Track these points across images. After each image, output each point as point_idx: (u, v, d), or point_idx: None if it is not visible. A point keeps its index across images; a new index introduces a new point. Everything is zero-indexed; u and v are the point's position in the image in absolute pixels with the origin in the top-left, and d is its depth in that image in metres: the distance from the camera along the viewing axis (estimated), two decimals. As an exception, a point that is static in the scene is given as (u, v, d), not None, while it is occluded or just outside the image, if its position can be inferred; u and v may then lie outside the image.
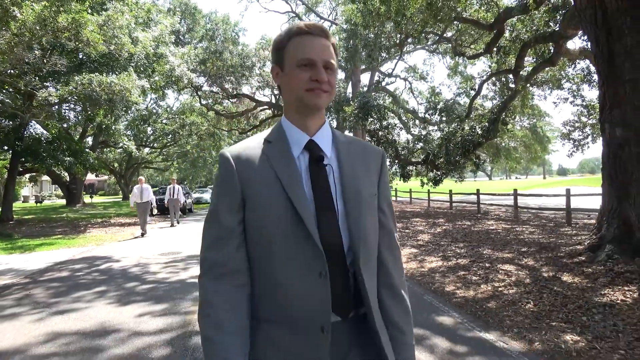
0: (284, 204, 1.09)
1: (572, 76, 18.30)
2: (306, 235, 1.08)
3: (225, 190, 1.15)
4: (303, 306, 1.08)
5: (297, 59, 1.14)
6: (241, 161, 1.16)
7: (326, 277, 1.08)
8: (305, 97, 1.14)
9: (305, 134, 1.19)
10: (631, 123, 6.06)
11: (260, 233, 1.11)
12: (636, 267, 5.59)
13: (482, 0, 15.73)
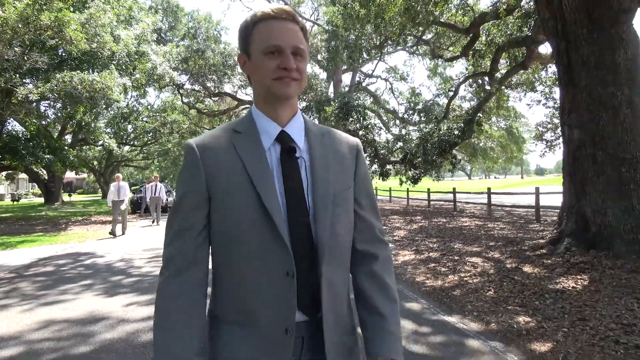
0: (251, 199, 1.03)
1: (544, 79, 19.03)
2: (274, 233, 1.03)
3: (189, 183, 1.08)
4: (267, 307, 1.04)
5: (263, 46, 1.07)
6: (206, 151, 1.08)
7: (293, 277, 1.04)
8: (273, 86, 1.07)
9: (277, 125, 1.12)
10: (587, 126, 6.56)
11: (224, 229, 1.06)
12: (590, 258, 6.08)
13: (458, 5, 16.25)
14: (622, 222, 6.22)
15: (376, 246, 1.23)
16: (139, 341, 3.99)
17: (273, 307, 1.04)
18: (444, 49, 21.98)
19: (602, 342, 3.57)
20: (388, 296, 1.18)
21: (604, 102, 6.36)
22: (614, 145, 6.32)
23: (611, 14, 6.24)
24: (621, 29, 6.25)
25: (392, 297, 1.19)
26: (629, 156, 6.25)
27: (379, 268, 1.20)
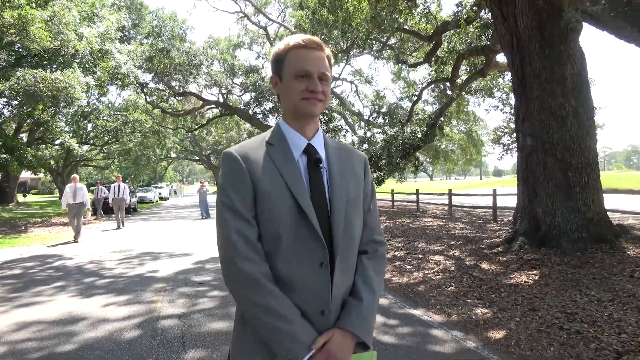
0: (289, 201, 1.20)
1: (501, 86, 19.99)
2: (310, 230, 1.20)
3: (239, 187, 1.22)
4: (306, 294, 1.20)
5: (294, 70, 1.26)
6: (249, 161, 1.25)
7: (327, 267, 1.22)
8: (301, 105, 1.26)
9: (304, 138, 1.30)
10: (539, 134, 7.13)
11: (268, 227, 1.21)
12: (541, 256, 6.63)
13: (422, 13, 16.87)
14: (569, 222, 6.81)
15: (374, 245, 1.41)
16: (124, 339, 4.16)
17: (309, 294, 1.21)
18: (407, 55, 22.70)
19: (548, 329, 4.03)
20: (370, 286, 1.33)
21: (554, 112, 6.95)
22: (562, 151, 6.91)
23: (560, 33, 6.84)
24: (569, 47, 6.86)
25: (373, 288, 1.33)
26: (575, 162, 6.85)
27: (370, 263, 1.38)
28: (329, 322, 1.23)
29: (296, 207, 1.21)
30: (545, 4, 6.89)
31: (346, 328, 1.23)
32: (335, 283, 1.24)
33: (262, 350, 1.21)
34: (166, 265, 7.95)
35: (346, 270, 1.30)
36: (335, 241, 1.25)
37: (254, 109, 32.01)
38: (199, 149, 61.31)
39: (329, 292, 1.22)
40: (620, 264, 5.89)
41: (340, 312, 1.27)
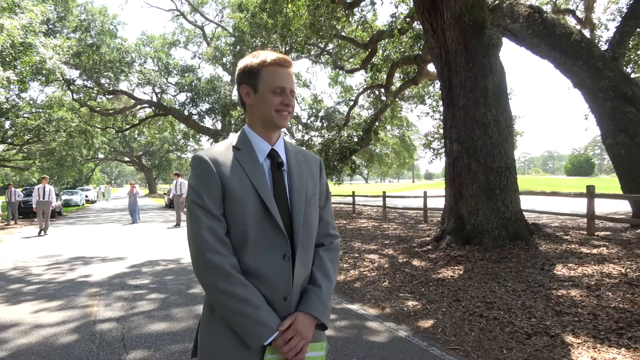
0: (255, 200, 1.34)
1: (432, 94, 21.12)
2: (274, 226, 1.35)
3: (209, 187, 1.34)
4: (271, 282, 1.34)
5: (272, 87, 1.39)
6: (218, 163, 1.36)
7: (289, 258, 1.37)
8: (274, 117, 1.40)
9: (268, 144, 1.44)
10: (464, 140, 7.72)
11: (236, 223, 1.34)
12: (465, 252, 7.19)
13: (358, 21, 17.46)
14: (490, 221, 7.43)
15: (329, 238, 1.58)
16: (60, 343, 4.07)
17: (274, 283, 1.34)
18: (344, 61, 23.33)
19: (470, 317, 4.46)
20: (325, 274, 1.48)
21: (477, 120, 7.57)
22: (484, 156, 7.53)
23: (483, 48, 7.46)
24: (491, 60, 7.50)
25: (328, 275, 1.49)
26: (495, 166, 7.49)
27: (326, 254, 1.54)
28: (290, 307, 1.38)
29: (261, 206, 1.34)
30: (470, 21, 7.48)
31: (307, 311, 1.38)
32: (296, 273, 1.39)
33: (230, 336, 1.33)
34: (99, 269, 7.70)
35: (305, 262, 1.45)
36: (296, 235, 1.39)
37: (190, 110, 31.30)
38: (129, 150, 58.73)
39: (290, 280, 1.37)
40: (533, 258, 6.55)
41: (300, 299, 1.42)
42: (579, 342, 3.65)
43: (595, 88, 9.45)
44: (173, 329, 4.39)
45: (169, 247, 10.31)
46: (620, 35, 10.16)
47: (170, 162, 60.57)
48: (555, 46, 10.09)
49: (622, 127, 8.92)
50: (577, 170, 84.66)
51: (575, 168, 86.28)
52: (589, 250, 6.83)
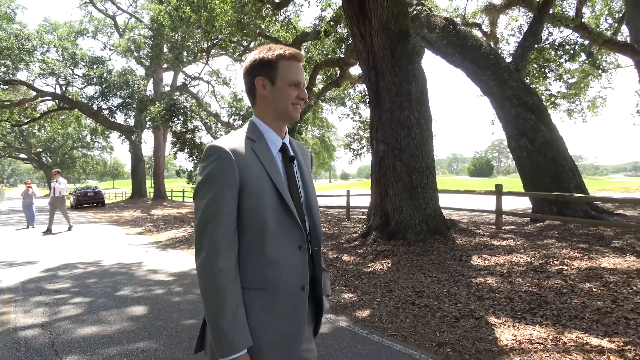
0: (272, 192, 1.36)
1: (353, 96, 21.84)
2: (291, 217, 1.38)
3: (228, 181, 1.33)
4: (288, 272, 1.38)
5: (290, 80, 1.44)
6: (238, 155, 1.36)
7: (305, 250, 1.42)
8: (290, 109, 1.46)
9: (279, 137, 1.48)
10: (389, 141, 8.16)
11: (254, 216, 1.34)
12: (391, 247, 7.60)
13: (283, 22, 17.56)
14: (413, 217, 7.92)
15: None
16: None
17: (291, 273, 1.39)
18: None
19: (404, 305, 4.77)
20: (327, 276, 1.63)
21: (402, 122, 8.03)
22: (408, 157, 8.01)
23: (408, 54, 7.94)
24: (414, 67, 8.01)
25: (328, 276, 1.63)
26: (418, 166, 8.00)
27: None
28: (306, 295, 1.43)
29: (278, 198, 1.37)
30: (395, 28, 7.93)
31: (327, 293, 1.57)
32: (311, 262, 1.48)
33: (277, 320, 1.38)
34: (7, 274, 7.04)
35: (318, 252, 1.53)
36: (310, 227, 1.48)
37: (100, 104, 29.36)
38: (27, 146, 53.55)
39: (307, 270, 1.43)
40: (452, 251, 7.11)
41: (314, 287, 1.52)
42: (500, 322, 4.09)
43: (502, 96, 10.45)
44: (107, 332, 4.20)
45: (85, 249, 9.66)
46: (522, 49, 11.32)
47: (74, 160, 56.18)
48: (467, 56, 10.99)
49: (524, 132, 9.95)
50: (478, 171, 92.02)
51: (477, 169, 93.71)
52: (499, 243, 7.56)
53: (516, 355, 3.40)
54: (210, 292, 1.30)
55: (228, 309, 1.29)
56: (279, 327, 1.37)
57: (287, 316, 1.39)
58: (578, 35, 14.69)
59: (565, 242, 7.36)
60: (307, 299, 1.43)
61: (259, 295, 1.37)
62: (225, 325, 1.28)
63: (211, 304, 1.30)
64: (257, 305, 1.36)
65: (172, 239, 11.24)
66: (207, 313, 1.32)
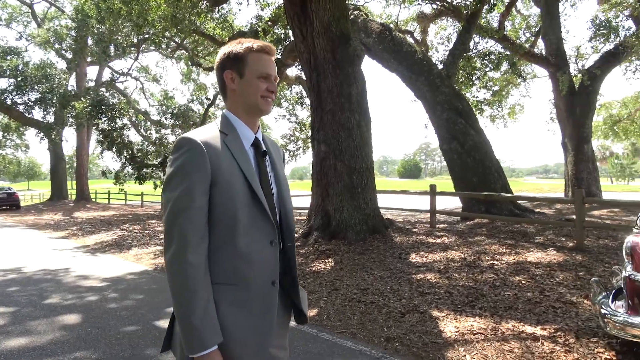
0: (244, 186, 1.34)
1: (289, 97, 21.84)
2: (263, 212, 1.37)
3: (200, 173, 1.29)
4: (259, 268, 1.36)
5: (258, 72, 1.42)
6: (210, 148, 1.33)
7: (276, 245, 1.41)
8: (260, 103, 1.43)
9: (252, 132, 1.46)
10: (330, 142, 8.26)
11: (225, 210, 1.32)
12: (333, 246, 7.70)
13: (218, 19, 17.20)
14: (353, 217, 8.08)
15: None
16: None
17: (262, 268, 1.37)
18: (200, 58, 22.69)
19: (350, 303, 4.85)
20: None
21: (342, 124, 8.17)
22: (348, 158, 8.16)
23: (349, 57, 8.10)
24: (355, 70, 8.18)
25: None
26: (358, 167, 8.17)
27: None
28: (276, 291, 1.41)
29: (250, 193, 1.35)
30: (337, 31, 8.05)
31: None
32: (282, 257, 1.47)
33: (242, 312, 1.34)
34: None
35: (290, 247, 1.52)
36: (282, 222, 1.47)
37: (14, 98, 27.05)
38: None
39: (277, 266, 1.41)
40: (391, 249, 7.34)
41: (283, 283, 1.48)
42: (443, 315, 4.28)
43: (434, 101, 10.96)
44: (38, 343, 3.87)
45: (1, 255, 8.84)
46: (452, 57, 11.95)
47: (-19, 159, 51.21)
48: (403, 62, 11.41)
49: (454, 135, 10.50)
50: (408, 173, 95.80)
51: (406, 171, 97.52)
52: (434, 240, 7.92)
53: (460, 346, 3.58)
54: (180, 287, 1.26)
55: (198, 304, 1.25)
56: (250, 323, 1.35)
57: (257, 312, 1.36)
58: (501, 47, 15.77)
59: (493, 238, 7.86)
60: (277, 295, 1.41)
61: (229, 291, 1.34)
62: (196, 320, 1.24)
63: (181, 300, 1.26)
64: (227, 301, 1.33)
65: (101, 242, 10.61)
66: (176, 309, 1.28)
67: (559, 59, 14.92)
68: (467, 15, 11.68)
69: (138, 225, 14.02)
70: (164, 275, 6.72)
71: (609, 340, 3.48)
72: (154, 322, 4.45)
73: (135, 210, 21.23)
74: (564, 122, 15.49)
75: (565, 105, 14.97)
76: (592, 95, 14.75)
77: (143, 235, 11.27)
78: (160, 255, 8.46)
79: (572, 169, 14.78)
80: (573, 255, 6.43)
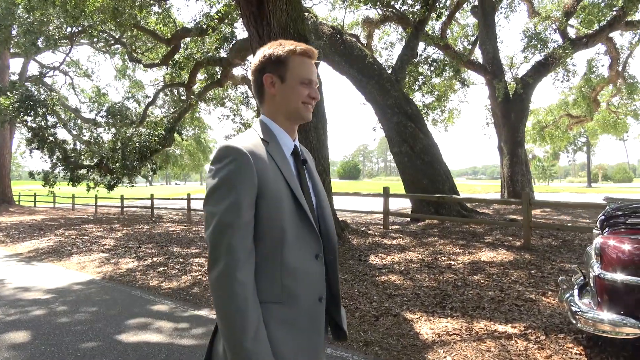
0: (289, 198, 1.27)
1: (233, 97, 21.41)
2: (308, 225, 1.30)
3: (247, 186, 1.21)
4: (306, 283, 1.28)
5: (301, 77, 1.35)
6: (256, 157, 1.25)
7: (321, 259, 1.34)
8: (301, 109, 1.37)
9: (291, 139, 1.40)
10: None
11: (272, 224, 1.23)
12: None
13: (160, 14, 16.52)
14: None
15: None
16: None
17: (309, 284, 1.29)
18: (139, 54, 21.66)
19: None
20: None
21: (300, 126, 8.08)
22: (306, 160, 8.10)
23: (306, 59, 8.04)
24: (312, 72, 8.13)
25: None
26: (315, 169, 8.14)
27: None
28: (323, 307, 1.34)
29: (294, 205, 1.28)
30: (295, 32, 7.97)
31: None
32: (328, 272, 1.39)
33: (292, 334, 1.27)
34: None
35: (333, 261, 1.43)
36: (324, 235, 1.38)
37: None
38: None
39: (324, 281, 1.35)
40: (350, 252, 7.39)
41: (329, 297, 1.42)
42: (416, 317, 4.35)
43: (384, 104, 11.19)
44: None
45: None
46: (401, 62, 12.27)
47: None
48: (354, 65, 11.55)
49: (404, 138, 10.78)
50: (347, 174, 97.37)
51: (345, 172, 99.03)
52: (390, 242, 8.07)
53: (439, 347, 3.65)
54: (229, 307, 1.17)
55: (250, 325, 1.16)
56: (299, 342, 1.27)
57: (305, 331, 1.29)
58: (442, 54, 16.42)
59: (446, 239, 8.14)
60: (324, 311, 1.35)
61: (276, 309, 1.25)
62: (247, 343, 1.15)
63: (231, 321, 1.17)
64: (276, 320, 1.24)
65: (36, 250, 9.78)
66: (225, 330, 1.18)
67: (495, 67, 15.78)
68: (415, 22, 12.04)
69: (74, 230, 13.11)
70: (116, 285, 6.33)
71: (575, 335, 3.69)
72: (115, 336, 4.15)
73: (66, 214, 19.84)
74: (499, 127, 16.41)
75: (502, 111, 15.86)
76: (526, 102, 15.74)
77: (83, 242, 10.53)
78: (106, 263, 7.93)
79: (508, 171, 15.68)
80: (522, 254, 6.79)
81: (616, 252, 3.17)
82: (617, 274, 3.10)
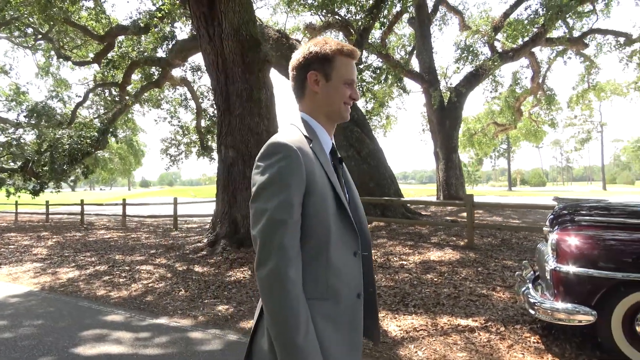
0: (332, 196, 1.28)
1: (171, 99, 20.69)
2: (349, 222, 1.31)
3: (297, 183, 1.21)
4: (347, 280, 1.30)
5: (345, 77, 1.36)
6: (305, 155, 1.25)
7: (359, 256, 1.35)
8: (342, 109, 1.39)
9: (330, 138, 1.42)
10: (239, 147, 8.06)
11: (318, 221, 1.24)
12: (242, 254, 7.51)
13: (92, 10, 15.69)
14: (262, 223, 7.97)
15: None
16: None
17: (349, 281, 1.31)
18: (67, 51, 20.32)
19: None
20: None
21: (252, 129, 8.03)
22: (257, 163, 8.03)
23: (259, 62, 8.01)
24: (265, 75, 8.12)
25: None
26: (267, 173, 8.09)
27: None
28: (361, 304, 1.35)
29: (335, 202, 1.29)
30: (247, 35, 7.91)
31: None
32: (365, 269, 1.41)
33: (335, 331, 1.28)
34: None
35: (369, 258, 1.45)
36: (361, 233, 1.40)
37: None
38: None
39: (361, 278, 1.37)
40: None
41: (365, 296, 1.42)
42: (382, 315, 4.47)
43: (331, 110, 11.33)
44: None
45: None
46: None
47: None
48: (300, 70, 11.59)
49: (351, 143, 11.02)
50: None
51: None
52: (342, 244, 8.19)
53: (409, 343, 3.79)
54: (281, 305, 1.16)
55: (302, 323, 1.17)
56: (342, 339, 1.29)
57: (347, 327, 1.31)
58: (381, 62, 16.96)
59: (395, 240, 8.42)
60: (362, 308, 1.36)
61: (322, 306, 1.26)
62: (300, 340, 1.16)
63: (283, 320, 1.16)
64: (320, 317, 1.25)
65: (-46, 262, 8.86)
66: (276, 328, 1.17)
67: (431, 76, 16.58)
68: (359, 29, 12.34)
69: (-6, 239, 12.03)
70: (58, 296, 5.92)
71: (530, 325, 3.99)
72: (71, 349, 3.88)
73: (-20, 223, 18.16)
74: (435, 134, 17.23)
75: (437, 119, 16.68)
76: (459, 110, 16.67)
77: (10, 251, 9.69)
78: (43, 273, 7.36)
79: (443, 175, 16.49)
80: (467, 252, 7.18)
81: (569, 247, 3.48)
82: (570, 266, 3.40)
